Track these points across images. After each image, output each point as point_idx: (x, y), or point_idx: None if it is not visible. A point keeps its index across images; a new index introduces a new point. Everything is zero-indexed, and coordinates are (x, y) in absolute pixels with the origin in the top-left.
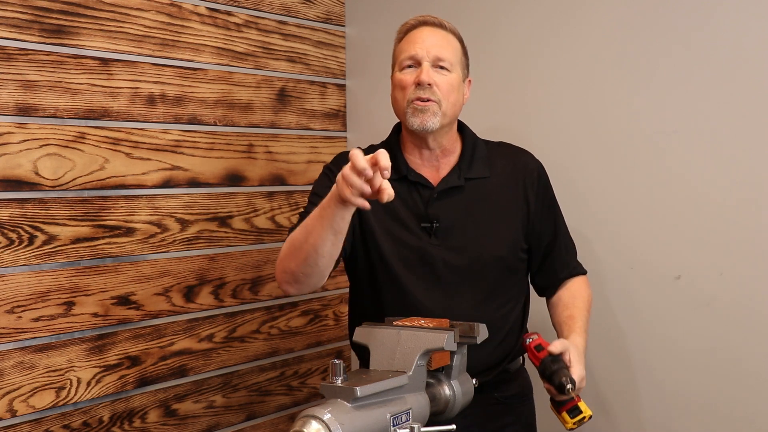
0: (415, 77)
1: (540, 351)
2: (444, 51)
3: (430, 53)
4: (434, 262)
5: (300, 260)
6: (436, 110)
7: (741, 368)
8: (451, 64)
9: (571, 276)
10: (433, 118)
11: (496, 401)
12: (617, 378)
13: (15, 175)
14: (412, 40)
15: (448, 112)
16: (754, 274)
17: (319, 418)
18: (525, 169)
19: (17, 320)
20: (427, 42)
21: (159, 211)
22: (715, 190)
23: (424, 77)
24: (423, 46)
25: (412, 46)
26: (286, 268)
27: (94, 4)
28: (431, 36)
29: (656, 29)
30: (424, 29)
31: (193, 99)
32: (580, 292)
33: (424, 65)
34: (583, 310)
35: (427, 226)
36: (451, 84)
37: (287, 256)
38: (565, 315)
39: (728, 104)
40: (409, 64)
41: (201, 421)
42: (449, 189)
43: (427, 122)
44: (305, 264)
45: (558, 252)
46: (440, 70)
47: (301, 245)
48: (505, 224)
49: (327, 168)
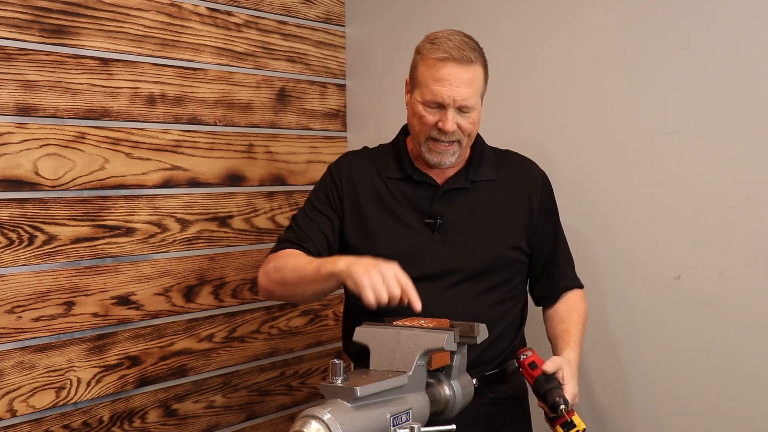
0: (438, 120)
1: (534, 369)
2: (470, 97)
3: (457, 98)
4: (435, 257)
5: (285, 295)
6: (456, 150)
7: (741, 368)
8: (475, 106)
9: (569, 288)
10: (452, 157)
11: (491, 401)
12: (617, 378)
13: (15, 175)
14: (438, 79)
15: (467, 143)
16: (754, 274)
17: (319, 418)
18: (530, 177)
19: (17, 320)
20: (455, 86)
21: (159, 211)
22: (715, 190)
23: (449, 126)
24: (450, 93)
25: (437, 89)
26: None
27: (94, 4)
28: (458, 78)
29: (656, 29)
30: (450, 67)
31: (193, 99)
32: (576, 306)
33: (449, 112)
34: (578, 324)
35: (431, 222)
36: (474, 122)
37: (274, 283)
38: (560, 329)
39: (728, 104)
40: (432, 106)
41: (201, 421)
42: (455, 189)
43: (445, 161)
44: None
45: (558, 262)
46: (463, 114)
47: (289, 284)
48: (507, 226)
49: (329, 170)
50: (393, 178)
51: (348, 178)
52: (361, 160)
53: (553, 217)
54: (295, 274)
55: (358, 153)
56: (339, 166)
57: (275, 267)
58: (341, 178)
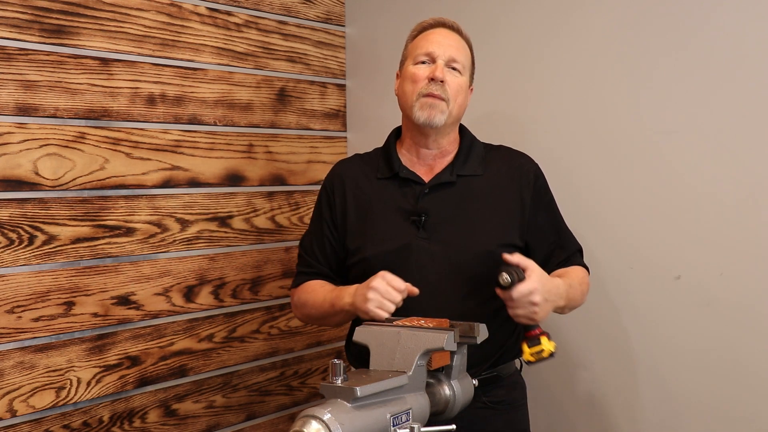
0: (430, 72)
1: None
2: (459, 54)
3: (446, 53)
4: (421, 254)
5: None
6: (444, 108)
7: (741, 368)
8: (463, 67)
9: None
10: (440, 115)
11: (484, 405)
12: (617, 378)
13: (15, 175)
14: (430, 38)
15: (454, 111)
16: (754, 274)
17: (319, 418)
18: (521, 170)
19: (17, 320)
20: (444, 42)
21: (159, 211)
22: (715, 190)
23: (439, 73)
24: (440, 45)
25: (429, 43)
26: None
27: (94, 4)
28: (448, 38)
29: (656, 29)
30: (442, 30)
31: (193, 99)
32: (575, 270)
33: (439, 63)
34: (573, 278)
35: (416, 220)
36: (461, 85)
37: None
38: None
39: (728, 104)
40: (423, 60)
41: (201, 421)
42: (440, 184)
43: (434, 118)
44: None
45: (560, 251)
46: (452, 71)
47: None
48: (496, 221)
49: (322, 186)
50: (381, 178)
51: (339, 186)
52: (350, 166)
53: (549, 210)
54: (316, 311)
55: (348, 161)
56: (330, 178)
57: (298, 303)
58: (333, 189)
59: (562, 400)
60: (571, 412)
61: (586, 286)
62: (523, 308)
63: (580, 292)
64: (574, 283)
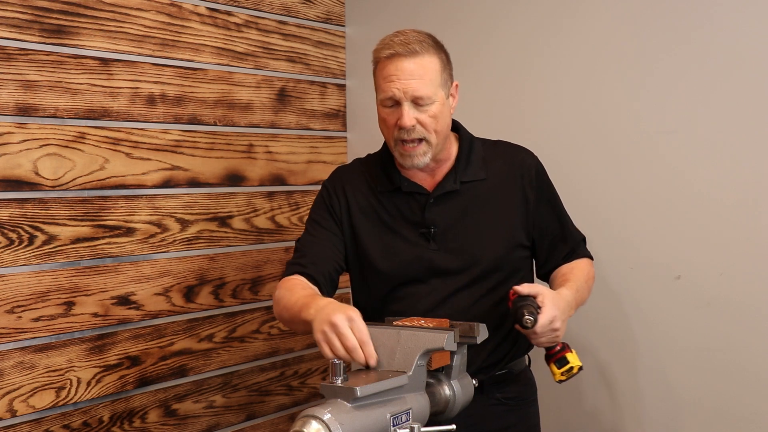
0: (397, 118)
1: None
2: (421, 87)
3: (408, 92)
4: (433, 266)
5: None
6: (425, 149)
7: (741, 368)
8: (431, 96)
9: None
10: (423, 158)
11: (498, 402)
12: (617, 377)
13: (15, 175)
14: (388, 76)
15: (436, 140)
16: (754, 274)
17: (319, 418)
18: (522, 167)
19: (17, 320)
20: (403, 79)
21: (159, 211)
22: (715, 190)
23: (406, 121)
24: (399, 85)
25: (388, 84)
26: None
27: (94, 4)
28: (405, 71)
29: (655, 29)
30: (396, 61)
31: (193, 99)
32: (579, 266)
33: (404, 107)
34: (579, 277)
35: (425, 232)
36: (435, 116)
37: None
38: (560, 280)
39: (728, 104)
40: (389, 104)
41: (201, 421)
42: (445, 194)
43: (418, 162)
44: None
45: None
46: (421, 107)
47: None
48: (503, 225)
49: (324, 187)
50: (384, 191)
51: (342, 195)
52: (353, 177)
53: (552, 204)
54: (287, 312)
55: (350, 169)
56: (334, 183)
57: (276, 298)
58: (338, 195)
59: (564, 400)
60: (572, 411)
61: (592, 280)
62: (546, 336)
63: (587, 289)
64: (581, 285)
